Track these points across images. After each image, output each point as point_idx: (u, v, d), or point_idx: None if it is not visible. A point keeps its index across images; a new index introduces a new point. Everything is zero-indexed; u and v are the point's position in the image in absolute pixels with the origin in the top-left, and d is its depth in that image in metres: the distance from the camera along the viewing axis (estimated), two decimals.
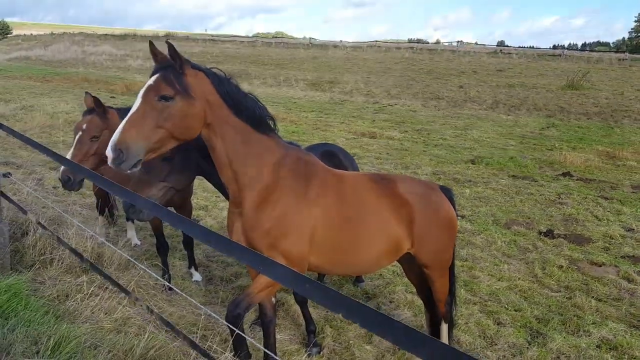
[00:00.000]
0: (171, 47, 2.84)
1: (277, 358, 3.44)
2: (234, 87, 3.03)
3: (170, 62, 2.87)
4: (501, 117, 19.26)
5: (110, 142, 2.73)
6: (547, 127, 17.13)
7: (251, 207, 3.17)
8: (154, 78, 2.86)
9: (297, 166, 3.28)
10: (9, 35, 71.58)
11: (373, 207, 3.43)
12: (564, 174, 10.87)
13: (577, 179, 10.57)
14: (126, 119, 2.79)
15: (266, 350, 3.35)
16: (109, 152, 2.72)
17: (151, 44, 3.00)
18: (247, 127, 3.06)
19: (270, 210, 3.15)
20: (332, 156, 5.00)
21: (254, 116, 3.08)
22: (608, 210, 8.52)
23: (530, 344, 4.48)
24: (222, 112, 2.97)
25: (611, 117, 18.60)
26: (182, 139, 2.93)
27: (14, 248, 4.51)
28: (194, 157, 3.38)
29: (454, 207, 3.93)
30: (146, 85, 2.85)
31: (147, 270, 3.82)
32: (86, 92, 4.80)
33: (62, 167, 4.11)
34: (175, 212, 2.71)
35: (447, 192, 3.98)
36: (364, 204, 3.41)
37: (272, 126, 3.28)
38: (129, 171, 2.77)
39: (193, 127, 2.91)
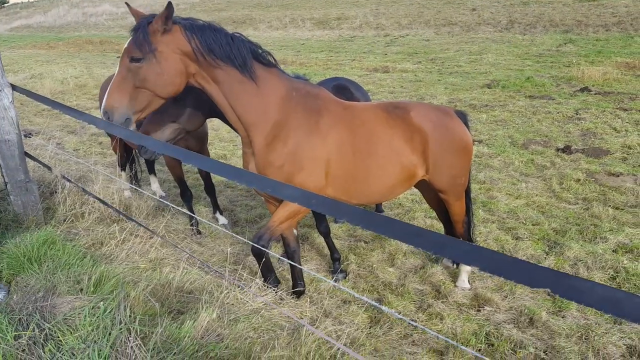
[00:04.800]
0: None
1: (303, 284, 3.65)
2: (211, 32, 3.00)
3: (143, 21, 2.91)
4: (517, 38, 18.69)
5: (101, 107, 2.97)
6: (565, 44, 16.61)
7: (261, 145, 3.23)
8: (128, 41, 2.95)
9: (306, 100, 3.29)
10: (5, 5, 70.82)
11: (386, 137, 3.45)
12: (582, 89, 10.66)
13: (595, 93, 10.36)
14: (111, 83, 2.97)
15: (294, 276, 3.53)
16: (102, 117, 3.00)
17: (128, 5, 3.17)
18: (238, 67, 3.05)
19: (281, 147, 3.21)
20: (344, 89, 5.00)
21: (242, 55, 3.05)
22: (627, 121, 8.40)
23: (547, 254, 4.61)
24: (203, 60, 2.98)
25: (631, 25, 17.87)
26: (167, 94, 3.01)
27: (45, 206, 4.73)
28: (206, 98, 3.44)
29: (469, 130, 3.92)
30: (123, 49, 2.96)
31: (178, 209, 3.99)
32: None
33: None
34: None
35: (462, 116, 3.93)
36: (376, 134, 3.43)
37: (271, 61, 3.26)
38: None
39: (173, 82, 2.96)
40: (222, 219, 5.74)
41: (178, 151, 2.28)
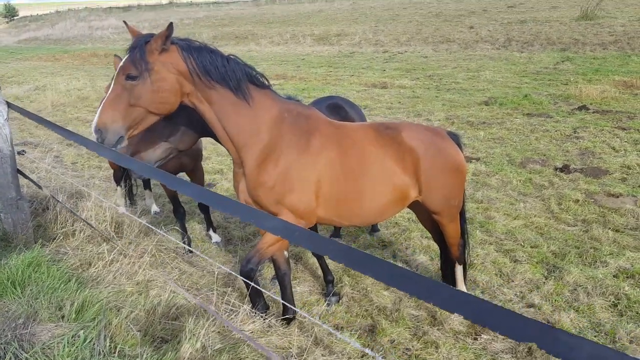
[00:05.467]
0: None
1: (295, 309, 3.55)
2: (207, 54, 3.00)
3: (141, 40, 2.91)
4: (514, 55, 18.75)
5: (92, 123, 2.91)
6: (562, 61, 16.64)
7: (252, 166, 3.20)
8: (124, 58, 2.95)
9: (297, 121, 3.27)
10: (15, 18, 71.79)
11: (377, 157, 3.42)
12: (580, 108, 10.63)
13: (593, 112, 10.33)
14: (104, 100, 2.93)
15: (284, 302, 3.45)
16: (92, 134, 2.91)
17: (125, 23, 3.14)
18: (232, 89, 3.06)
19: (272, 168, 3.17)
20: (338, 109, 4.96)
21: (237, 77, 3.06)
22: (625, 140, 8.35)
23: (546, 278, 4.52)
24: (199, 80, 2.98)
25: (628, 45, 17.92)
26: (160, 113, 3.00)
27: (36, 223, 4.66)
28: (198, 118, 3.39)
29: (462, 151, 3.87)
30: (118, 67, 2.94)
31: (165, 235, 3.92)
32: (115, 55, 4.79)
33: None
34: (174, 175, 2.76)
35: (454, 137, 3.89)
36: (367, 155, 3.40)
37: (265, 83, 3.26)
38: (115, 149, 2.90)
39: (168, 101, 2.96)
40: (216, 237, 5.66)
41: (164, 176, 2.22)
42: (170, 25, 2.85)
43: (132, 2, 70.75)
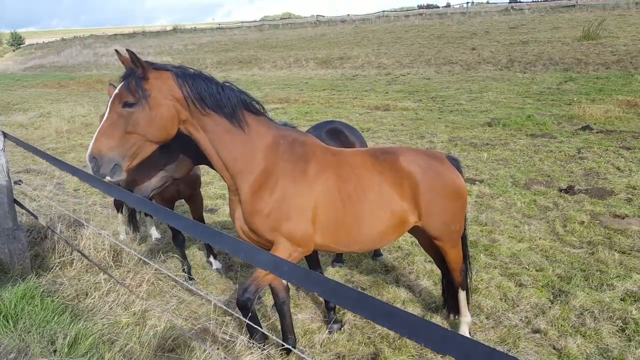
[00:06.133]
0: (132, 55, 2.88)
1: (295, 337, 3.48)
2: (202, 81, 3.00)
3: (135, 68, 2.90)
4: (517, 76, 18.80)
5: (87, 152, 2.88)
6: (565, 82, 16.66)
7: (248, 193, 3.17)
8: (119, 86, 2.94)
9: (293, 147, 3.24)
10: (22, 46, 73.18)
11: (374, 183, 3.38)
12: (584, 128, 10.59)
13: (597, 132, 10.29)
14: (98, 128, 2.91)
15: (283, 331, 3.37)
16: (87, 163, 2.87)
17: (117, 52, 3.11)
18: (227, 116, 3.05)
19: (268, 195, 3.14)
20: (338, 133, 4.94)
21: (232, 104, 3.05)
22: (630, 160, 8.28)
23: (552, 303, 4.42)
24: (194, 108, 2.98)
25: (631, 64, 17.95)
26: (158, 140, 2.98)
27: (34, 252, 4.63)
28: (193, 145, 3.38)
29: (462, 176, 3.81)
30: (113, 94, 2.92)
31: (160, 268, 3.88)
32: (110, 83, 4.81)
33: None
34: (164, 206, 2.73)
35: (453, 161, 3.85)
36: (364, 181, 3.36)
37: (260, 110, 3.25)
38: (112, 179, 2.86)
39: (165, 128, 2.94)
40: (216, 264, 5.60)
41: (156, 209, 2.19)
42: (132, 53, 2.85)
43: (136, 29, 71.98)
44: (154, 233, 6.61)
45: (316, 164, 3.25)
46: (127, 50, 2.93)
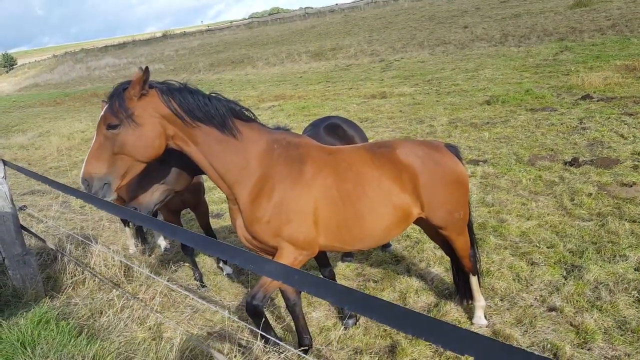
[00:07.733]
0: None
1: (310, 337, 3.48)
2: (188, 94, 2.97)
3: (119, 88, 2.90)
4: (512, 51, 18.67)
5: (80, 176, 2.91)
6: (561, 52, 16.53)
7: (246, 202, 3.14)
8: (104, 108, 2.92)
9: (287, 150, 3.20)
10: (14, 67, 73.31)
11: (373, 179, 3.33)
12: (584, 97, 10.51)
13: (597, 100, 10.20)
14: (88, 151, 2.93)
15: (298, 332, 3.36)
16: (80, 185, 2.93)
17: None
18: (217, 127, 3.02)
19: (266, 202, 3.11)
20: (336, 128, 4.91)
21: (221, 114, 3.02)
22: (634, 126, 8.21)
23: (566, 279, 4.40)
24: (182, 122, 2.95)
25: (626, 27, 17.78)
26: (146, 159, 2.96)
27: (46, 275, 4.64)
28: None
29: (462, 163, 3.76)
30: (99, 117, 2.91)
31: (166, 283, 3.88)
32: (103, 100, 4.81)
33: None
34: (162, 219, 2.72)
35: (452, 149, 3.79)
36: (363, 176, 3.31)
37: (250, 116, 3.22)
38: (106, 198, 2.87)
39: (152, 146, 2.92)
40: (227, 269, 5.60)
41: (156, 223, 2.18)
42: (147, 69, 2.81)
43: (126, 38, 71.89)
44: (163, 243, 6.63)
45: (312, 164, 3.21)
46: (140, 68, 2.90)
